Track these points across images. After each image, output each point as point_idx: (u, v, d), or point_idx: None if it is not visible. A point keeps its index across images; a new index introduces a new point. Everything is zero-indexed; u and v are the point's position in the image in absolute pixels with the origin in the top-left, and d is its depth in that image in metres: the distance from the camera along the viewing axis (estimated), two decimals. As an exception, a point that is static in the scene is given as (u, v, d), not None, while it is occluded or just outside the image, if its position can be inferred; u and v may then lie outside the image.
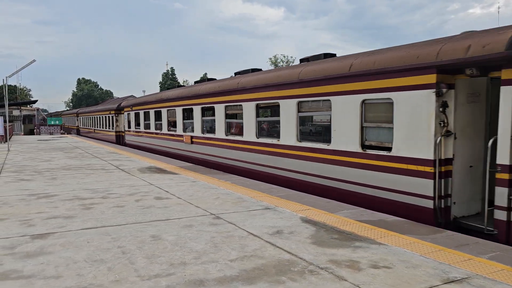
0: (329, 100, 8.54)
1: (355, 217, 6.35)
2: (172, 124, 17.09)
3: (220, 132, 12.75)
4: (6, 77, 21.55)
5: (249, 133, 11.21)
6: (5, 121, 25.87)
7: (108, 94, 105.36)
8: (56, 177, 10.76)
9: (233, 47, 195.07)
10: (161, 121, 18.12)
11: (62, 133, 47.01)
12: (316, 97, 8.93)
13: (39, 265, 4.39)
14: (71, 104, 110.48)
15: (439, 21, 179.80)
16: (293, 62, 70.45)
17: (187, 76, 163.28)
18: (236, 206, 7.20)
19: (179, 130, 16.07)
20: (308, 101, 9.31)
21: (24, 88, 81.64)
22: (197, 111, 14.36)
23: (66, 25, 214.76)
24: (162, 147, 18.18)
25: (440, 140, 6.41)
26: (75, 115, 49.44)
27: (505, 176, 5.56)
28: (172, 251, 4.82)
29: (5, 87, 22.45)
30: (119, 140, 27.25)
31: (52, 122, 51.10)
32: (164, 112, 17.70)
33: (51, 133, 46.52)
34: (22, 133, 48.39)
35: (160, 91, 19.25)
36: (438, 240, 5.18)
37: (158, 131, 18.70)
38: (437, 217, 6.43)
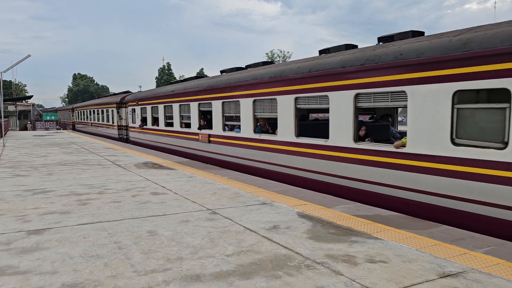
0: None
1: (351, 212, 6.37)
2: (89, 118, 35.64)
3: (97, 121, 31.52)
4: (1, 72, 21.35)
5: (97, 120, 31.65)
6: (0, 117, 25.69)
7: (104, 89, 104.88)
8: (52, 173, 10.72)
9: (230, 42, 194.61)
10: (85, 116, 37.54)
11: (58, 129, 46.83)
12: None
13: (35, 260, 4.38)
14: (66, 99, 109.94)
15: (436, 16, 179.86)
16: (289, 57, 70.52)
17: (184, 71, 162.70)
18: (233, 201, 7.20)
19: (89, 120, 35.60)
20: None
21: (20, 84, 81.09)
22: (93, 112, 33.36)
23: (63, 20, 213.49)
24: (87, 129, 36.19)
25: (118, 121, 24.91)
26: (56, 111, 67.78)
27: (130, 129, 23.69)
28: (169, 246, 4.82)
29: (0, 82, 22.29)
30: (74, 127, 44.90)
31: (48, 118, 50.91)
32: (86, 112, 37.37)
33: (46, 129, 46.32)
34: (18, 129, 48.13)
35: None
36: (434, 235, 5.20)
37: (85, 121, 37.92)
38: (120, 139, 24.61)
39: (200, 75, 17.02)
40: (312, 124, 10.94)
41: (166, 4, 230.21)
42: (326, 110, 8.58)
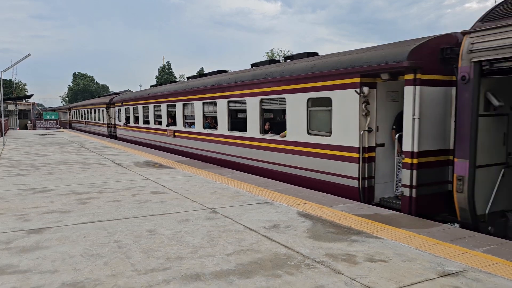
0: None
1: (351, 211, 6.37)
2: (83, 117, 39.08)
3: (90, 119, 34.09)
4: (1, 71, 21.33)
5: (90, 119, 34.89)
6: (0, 116, 25.67)
7: (104, 88, 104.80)
8: (52, 172, 10.73)
9: (231, 41, 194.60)
10: (80, 115, 41.29)
11: (58, 128, 46.85)
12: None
13: (35, 259, 4.38)
14: (66, 98, 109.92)
15: (436, 16, 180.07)
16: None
17: (184, 70, 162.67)
18: (233, 200, 7.20)
19: (83, 119, 38.70)
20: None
21: (20, 83, 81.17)
22: (87, 111, 36.23)
23: (63, 20, 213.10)
24: (82, 127, 39.37)
25: (107, 119, 27.95)
26: (54, 110, 71.54)
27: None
28: (169, 245, 4.82)
29: (0, 81, 22.27)
30: (70, 126, 48.77)
31: (48, 117, 50.94)
32: (80, 111, 41.03)
33: (46, 128, 46.33)
34: (18, 128, 48.15)
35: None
36: (434, 234, 5.21)
37: (80, 120, 41.42)
38: (109, 136, 27.19)
39: (172, 80, 21.93)
40: (242, 121, 12.74)
41: (166, 3, 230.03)
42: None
